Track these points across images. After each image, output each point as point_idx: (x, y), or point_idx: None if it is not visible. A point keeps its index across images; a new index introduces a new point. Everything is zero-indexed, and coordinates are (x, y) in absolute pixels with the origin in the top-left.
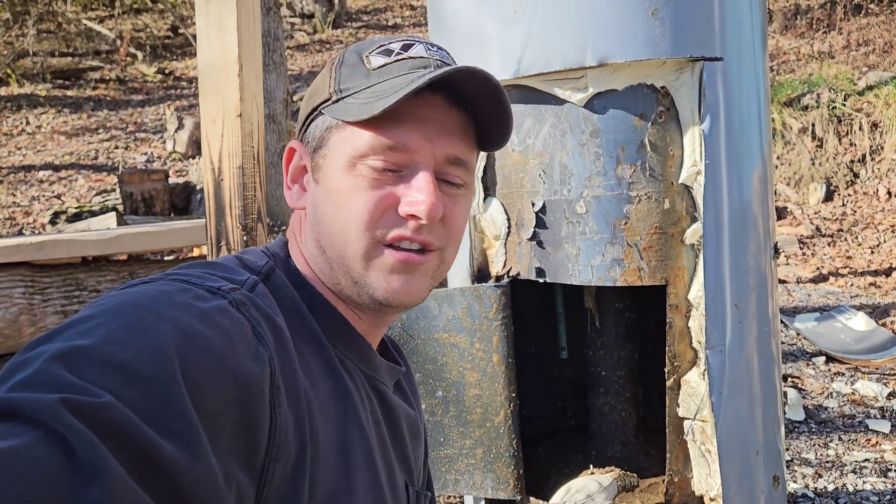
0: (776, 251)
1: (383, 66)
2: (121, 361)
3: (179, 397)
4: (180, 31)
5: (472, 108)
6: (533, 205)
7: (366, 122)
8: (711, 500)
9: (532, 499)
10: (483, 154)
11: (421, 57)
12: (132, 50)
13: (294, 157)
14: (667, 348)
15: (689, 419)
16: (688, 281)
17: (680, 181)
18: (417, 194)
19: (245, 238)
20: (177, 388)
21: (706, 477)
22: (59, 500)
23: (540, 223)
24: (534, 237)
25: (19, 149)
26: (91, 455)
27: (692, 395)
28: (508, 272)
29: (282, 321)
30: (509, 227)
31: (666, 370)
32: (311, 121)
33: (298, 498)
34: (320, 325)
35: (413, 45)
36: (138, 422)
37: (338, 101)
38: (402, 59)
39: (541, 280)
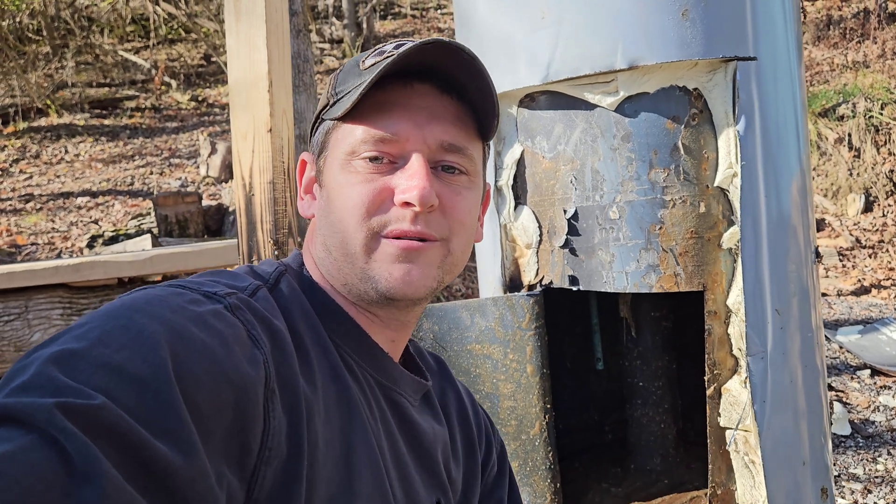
0: (817, 254)
1: (373, 64)
2: (115, 362)
3: (173, 398)
4: (213, 59)
5: (467, 94)
6: (565, 212)
7: (355, 117)
8: None
9: None
10: (510, 155)
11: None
12: (167, 79)
13: (305, 168)
14: (706, 356)
15: (731, 429)
16: (726, 286)
17: (715, 184)
18: (409, 181)
19: (276, 252)
20: (170, 389)
21: (751, 489)
22: (53, 502)
23: (572, 230)
24: (566, 245)
25: (58, 177)
26: (84, 457)
27: (734, 403)
28: (541, 281)
29: (281, 325)
30: (541, 235)
31: (706, 379)
32: (316, 129)
33: (293, 501)
34: (330, 329)
35: (405, 43)
36: (131, 422)
37: (333, 104)
38: (392, 56)
39: (574, 288)
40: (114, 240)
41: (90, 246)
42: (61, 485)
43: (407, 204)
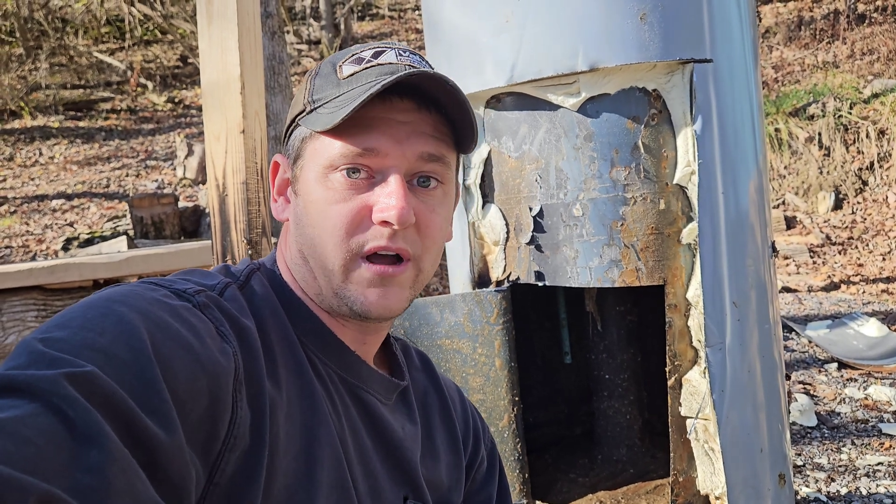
0: (774, 249)
1: (353, 74)
2: (99, 345)
3: (155, 378)
4: (189, 60)
5: (444, 109)
6: (530, 209)
7: (335, 131)
8: (717, 498)
9: (538, 502)
10: (477, 154)
11: (390, 63)
12: (142, 80)
13: (279, 170)
14: (667, 348)
15: (691, 418)
16: (686, 280)
17: (674, 182)
18: (388, 200)
19: (250, 252)
20: (153, 369)
21: (710, 476)
22: (63, 463)
23: (538, 227)
24: (532, 241)
25: (32, 179)
26: (88, 422)
27: (694, 393)
28: (508, 277)
29: (249, 322)
30: (508, 232)
31: (667, 370)
32: (291, 133)
33: (253, 489)
34: (296, 327)
35: (384, 51)
36: (124, 394)
37: (311, 111)
38: (372, 67)
39: (540, 283)
40: (89, 242)
41: (65, 248)
42: (68, 448)
43: (386, 223)
